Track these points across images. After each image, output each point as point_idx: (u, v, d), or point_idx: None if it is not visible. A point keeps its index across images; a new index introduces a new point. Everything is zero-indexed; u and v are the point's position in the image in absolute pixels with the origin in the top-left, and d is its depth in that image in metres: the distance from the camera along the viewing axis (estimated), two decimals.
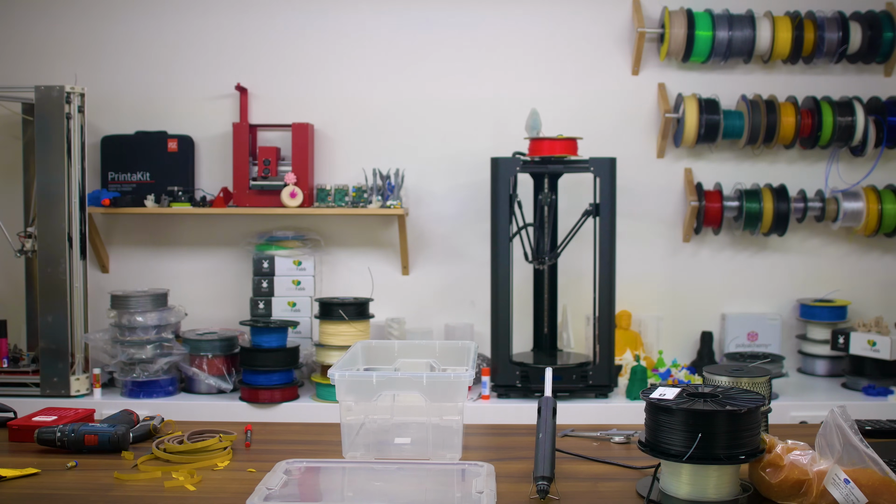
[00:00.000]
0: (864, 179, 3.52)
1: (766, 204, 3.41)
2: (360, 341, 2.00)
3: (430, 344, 1.99)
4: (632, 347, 3.45)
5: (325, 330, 3.18)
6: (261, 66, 3.54)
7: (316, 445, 1.83)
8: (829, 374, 3.47)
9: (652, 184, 3.55)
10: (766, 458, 1.45)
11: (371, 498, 1.51)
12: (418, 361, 1.91)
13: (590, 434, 1.88)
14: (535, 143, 3.12)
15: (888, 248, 3.61)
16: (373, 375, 1.69)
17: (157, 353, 3.18)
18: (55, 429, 1.76)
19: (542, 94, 3.50)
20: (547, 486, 1.45)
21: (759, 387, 1.63)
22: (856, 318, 3.48)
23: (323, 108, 3.54)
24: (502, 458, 1.70)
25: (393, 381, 1.70)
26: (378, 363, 1.96)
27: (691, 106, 3.39)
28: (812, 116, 3.41)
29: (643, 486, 1.52)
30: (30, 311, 3.37)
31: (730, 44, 3.39)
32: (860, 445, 1.38)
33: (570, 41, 3.54)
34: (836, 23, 3.40)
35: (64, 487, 1.56)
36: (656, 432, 1.45)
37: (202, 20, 3.54)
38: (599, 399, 3.11)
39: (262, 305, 3.38)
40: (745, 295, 3.60)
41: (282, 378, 3.13)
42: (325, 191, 3.40)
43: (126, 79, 3.55)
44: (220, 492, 1.53)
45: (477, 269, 3.46)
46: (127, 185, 3.46)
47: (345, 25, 3.54)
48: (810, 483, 1.39)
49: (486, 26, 3.53)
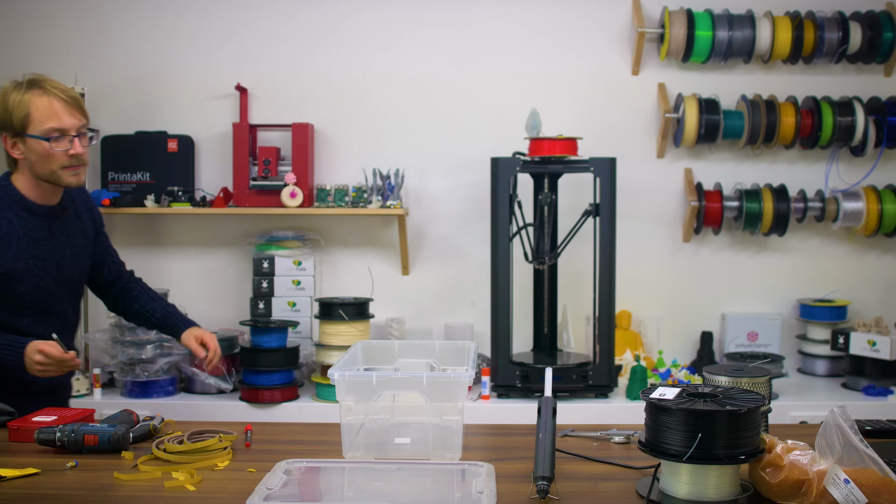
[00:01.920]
0: (864, 179, 3.52)
1: (766, 204, 3.41)
2: (360, 341, 2.00)
3: (430, 344, 1.99)
4: (632, 347, 3.45)
5: (325, 330, 3.18)
6: (261, 66, 3.54)
7: (316, 445, 1.83)
8: (829, 374, 3.47)
9: (652, 184, 3.55)
10: (766, 458, 1.45)
11: (371, 498, 1.51)
12: (418, 361, 1.91)
13: (590, 434, 1.88)
14: (535, 143, 3.12)
15: (888, 248, 3.61)
16: (373, 375, 1.69)
17: (157, 353, 3.18)
18: (55, 429, 1.76)
19: (542, 93, 3.50)
20: (547, 486, 1.45)
21: (759, 387, 1.63)
22: (856, 318, 3.48)
23: (323, 108, 3.54)
24: (502, 458, 1.70)
25: (393, 381, 1.70)
26: (378, 363, 1.96)
27: (691, 106, 3.39)
28: (812, 116, 3.41)
29: (643, 486, 1.52)
30: None
31: (730, 44, 3.39)
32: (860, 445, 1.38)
33: (570, 41, 3.54)
34: (836, 23, 3.40)
35: (64, 487, 1.56)
36: (656, 432, 1.45)
37: (202, 20, 3.54)
38: (599, 399, 3.11)
39: (262, 305, 3.38)
40: (745, 295, 3.60)
41: (282, 378, 3.13)
42: (325, 191, 3.40)
43: (126, 79, 3.55)
44: (220, 492, 1.53)
45: (477, 269, 3.46)
46: (127, 185, 3.46)
47: (345, 26, 3.54)
48: (810, 483, 1.39)
49: (486, 27, 3.53)
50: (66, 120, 2.13)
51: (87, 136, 2.20)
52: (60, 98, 2.13)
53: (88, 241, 2.37)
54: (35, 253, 2.17)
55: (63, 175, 2.16)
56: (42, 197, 2.21)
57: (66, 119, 2.13)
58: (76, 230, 2.31)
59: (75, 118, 2.15)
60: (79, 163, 2.17)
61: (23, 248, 2.15)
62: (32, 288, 2.16)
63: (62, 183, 2.18)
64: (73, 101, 2.16)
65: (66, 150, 2.13)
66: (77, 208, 2.34)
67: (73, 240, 2.29)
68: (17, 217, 2.16)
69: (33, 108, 2.11)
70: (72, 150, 2.14)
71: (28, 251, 2.16)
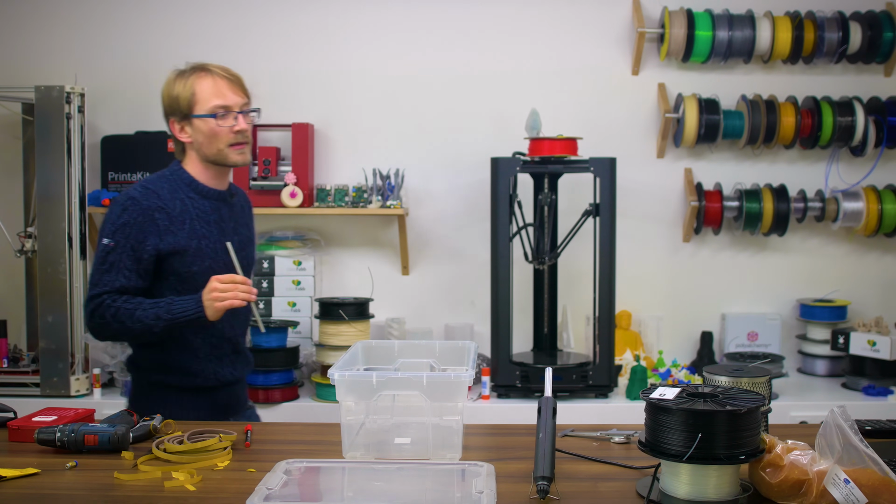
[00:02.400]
0: (864, 179, 3.51)
1: (766, 204, 3.40)
2: (359, 341, 2.00)
3: (430, 344, 1.99)
4: (632, 347, 3.45)
5: (325, 330, 3.18)
6: (261, 66, 3.54)
7: (316, 445, 1.82)
8: (829, 374, 3.47)
9: (652, 184, 3.55)
10: (766, 458, 1.45)
11: (371, 498, 1.51)
12: (418, 361, 1.91)
13: (590, 434, 1.88)
14: (535, 143, 3.12)
15: (888, 248, 3.61)
16: (373, 375, 1.69)
17: None
18: (55, 429, 1.76)
19: (543, 93, 3.50)
20: (547, 486, 1.45)
21: (759, 387, 1.63)
22: (856, 318, 3.48)
23: (323, 108, 3.54)
24: (502, 458, 1.70)
25: (393, 381, 1.70)
26: (378, 363, 1.96)
27: (691, 106, 3.39)
28: (812, 116, 3.41)
29: (643, 486, 1.52)
30: (30, 311, 3.38)
31: (730, 44, 3.38)
32: (860, 445, 1.38)
33: (570, 41, 3.54)
34: (836, 23, 3.40)
35: (64, 487, 1.56)
36: (656, 432, 1.45)
37: (202, 20, 3.54)
38: (599, 399, 3.11)
39: (262, 305, 3.38)
40: (745, 295, 3.60)
41: (282, 378, 3.13)
42: (325, 191, 3.40)
43: (126, 79, 3.54)
44: (220, 492, 1.53)
45: (477, 269, 3.46)
46: (127, 185, 3.45)
47: (345, 25, 3.54)
48: (810, 483, 1.39)
49: (487, 26, 3.53)
50: (230, 97, 2.18)
51: (251, 114, 2.24)
52: (223, 77, 2.19)
53: (250, 239, 2.37)
54: (206, 234, 2.17)
55: (230, 153, 2.19)
56: (211, 180, 2.23)
57: (229, 96, 2.18)
58: (241, 221, 2.33)
59: (238, 96, 2.20)
60: (244, 139, 2.20)
61: (195, 229, 2.16)
62: (204, 269, 2.14)
63: (229, 162, 2.20)
64: (235, 79, 2.22)
65: (231, 127, 2.17)
66: (242, 205, 2.36)
67: (239, 229, 2.29)
68: (188, 199, 2.18)
69: (198, 88, 2.17)
70: (237, 127, 2.17)
71: (200, 231, 2.16)
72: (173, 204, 2.15)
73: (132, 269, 2.09)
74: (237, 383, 2.30)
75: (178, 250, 2.12)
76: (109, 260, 2.09)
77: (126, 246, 2.09)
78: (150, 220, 2.10)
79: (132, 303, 2.08)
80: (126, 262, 2.09)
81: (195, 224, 2.16)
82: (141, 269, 2.10)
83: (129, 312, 2.06)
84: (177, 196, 2.17)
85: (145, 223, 2.10)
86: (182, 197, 2.17)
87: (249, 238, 2.37)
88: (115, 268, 2.09)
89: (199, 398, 2.19)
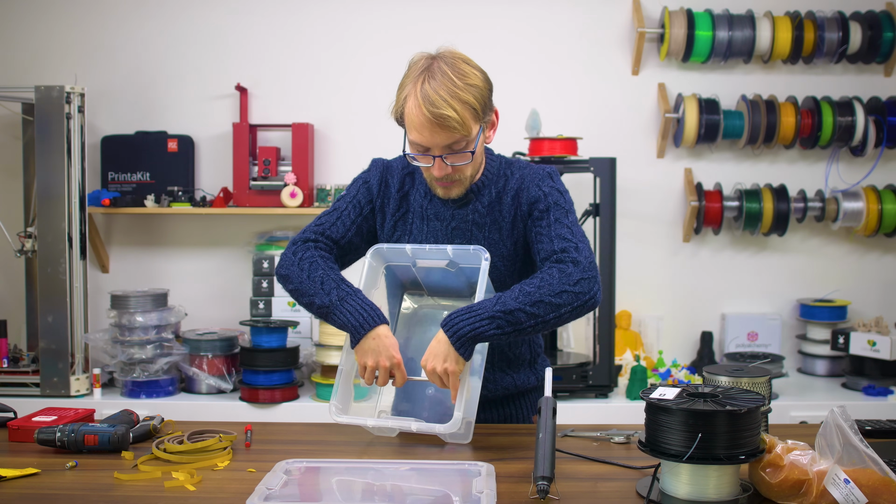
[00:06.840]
0: (864, 179, 3.52)
1: (766, 204, 3.41)
2: (371, 246, 1.93)
3: (441, 247, 1.88)
4: (632, 347, 3.45)
5: (325, 330, 3.18)
6: (261, 66, 3.54)
7: (316, 445, 1.82)
8: (829, 374, 3.47)
9: (652, 184, 3.55)
10: (766, 458, 1.44)
11: (371, 498, 1.51)
12: (439, 249, 1.87)
13: (590, 434, 1.87)
14: (535, 142, 3.12)
15: (888, 248, 3.61)
16: (405, 246, 1.87)
17: (157, 353, 3.18)
18: (55, 429, 1.76)
19: (543, 93, 3.50)
20: (547, 486, 1.45)
21: (759, 387, 1.63)
22: (856, 318, 3.48)
23: (323, 108, 3.54)
24: (502, 458, 1.70)
25: (422, 251, 1.87)
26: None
27: (691, 106, 3.39)
28: (812, 116, 3.41)
29: (643, 486, 1.52)
30: (30, 311, 3.38)
31: (730, 44, 3.39)
32: (860, 445, 1.38)
33: (570, 41, 3.54)
34: (836, 23, 3.40)
35: (64, 487, 1.56)
36: (656, 432, 1.45)
37: (202, 20, 3.54)
38: (599, 399, 3.11)
39: (262, 305, 3.38)
40: (745, 295, 3.60)
41: (282, 378, 3.13)
42: (325, 191, 3.40)
43: (126, 79, 3.55)
44: (220, 492, 1.53)
45: None
46: (127, 185, 3.46)
47: (345, 25, 3.54)
48: (810, 483, 1.39)
49: (486, 26, 3.53)
50: (427, 137, 1.78)
51: (460, 154, 1.80)
52: (423, 111, 1.76)
53: (503, 236, 1.91)
54: (432, 234, 1.92)
55: (436, 187, 1.88)
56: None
57: (426, 135, 1.78)
58: (486, 222, 1.91)
59: (438, 136, 1.77)
60: (448, 181, 1.85)
61: (416, 227, 1.93)
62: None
63: (438, 194, 1.90)
64: (438, 118, 1.75)
65: (427, 167, 1.84)
66: (504, 196, 1.92)
67: (472, 234, 1.91)
68: (417, 193, 1.94)
69: (406, 109, 1.81)
70: (433, 170, 1.83)
71: (422, 231, 1.92)
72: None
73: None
74: None
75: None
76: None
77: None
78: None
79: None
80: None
81: (416, 221, 1.96)
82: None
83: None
84: (408, 189, 1.98)
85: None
86: (413, 192, 1.98)
87: (496, 241, 1.95)
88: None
89: None
